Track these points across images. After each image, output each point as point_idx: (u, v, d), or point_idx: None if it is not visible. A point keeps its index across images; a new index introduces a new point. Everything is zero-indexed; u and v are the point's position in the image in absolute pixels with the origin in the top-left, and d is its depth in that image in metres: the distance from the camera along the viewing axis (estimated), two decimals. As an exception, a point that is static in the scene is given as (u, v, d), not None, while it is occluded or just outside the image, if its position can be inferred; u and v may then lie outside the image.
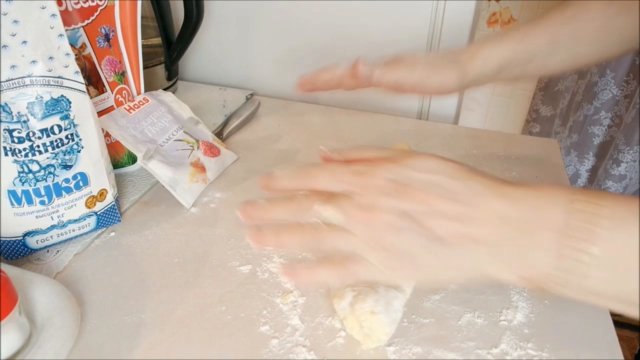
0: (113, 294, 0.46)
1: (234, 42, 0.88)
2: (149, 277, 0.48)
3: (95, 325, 0.43)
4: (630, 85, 1.35)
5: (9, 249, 0.48)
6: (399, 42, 0.79)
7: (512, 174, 0.65)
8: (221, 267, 0.50)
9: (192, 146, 0.62)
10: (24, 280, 0.42)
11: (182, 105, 0.67)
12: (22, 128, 0.43)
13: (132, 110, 0.60)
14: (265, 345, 0.42)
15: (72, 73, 0.45)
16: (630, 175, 1.42)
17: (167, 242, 0.53)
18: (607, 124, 1.44)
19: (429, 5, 0.74)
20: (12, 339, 0.37)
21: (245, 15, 0.85)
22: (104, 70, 0.57)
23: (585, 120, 1.45)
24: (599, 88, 1.38)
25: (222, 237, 0.54)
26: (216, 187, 0.62)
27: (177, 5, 0.77)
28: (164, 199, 0.59)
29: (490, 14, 1.67)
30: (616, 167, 1.41)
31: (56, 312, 0.41)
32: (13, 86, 0.42)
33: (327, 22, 0.81)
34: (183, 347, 0.42)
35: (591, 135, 1.47)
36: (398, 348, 0.41)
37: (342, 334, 0.42)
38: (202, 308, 0.45)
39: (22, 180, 0.45)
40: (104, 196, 0.52)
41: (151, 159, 0.56)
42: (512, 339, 0.42)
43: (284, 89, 0.89)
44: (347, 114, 0.81)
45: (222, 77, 0.92)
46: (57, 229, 0.49)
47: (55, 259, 0.50)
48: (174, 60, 0.80)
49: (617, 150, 1.39)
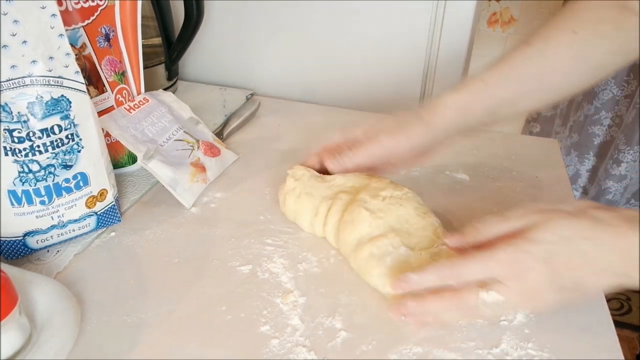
0: (113, 294, 0.46)
1: (234, 42, 0.88)
2: (149, 277, 0.48)
3: (95, 325, 0.43)
4: (630, 85, 1.35)
5: (9, 249, 0.48)
6: (399, 42, 0.79)
7: (512, 174, 0.65)
8: (221, 267, 0.50)
9: (192, 146, 0.62)
10: (24, 280, 0.42)
11: (182, 105, 0.67)
12: (22, 128, 0.43)
13: (132, 110, 0.60)
14: (266, 345, 0.41)
15: (72, 73, 0.45)
16: (631, 175, 1.42)
17: (167, 242, 0.53)
18: (608, 124, 1.44)
19: (429, 5, 0.74)
20: (12, 339, 0.37)
21: (245, 15, 0.85)
22: (104, 70, 0.57)
23: (586, 120, 1.45)
24: (599, 88, 1.38)
25: (222, 237, 0.54)
26: (216, 187, 0.62)
27: (177, 5, 0.77)
28: (164, 199, 0.59)
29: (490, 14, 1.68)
30: (616, 167, 1.40)
31: (56, 312, 0.41)
32: (13, 86, 0.42)
33: (327, 22, 0.81)
34: (183, 347, 0.42)
35: (591, 135, 1.47)
36: (398, 348, 0.41)
37: (342, 334, 0.42)
38: (202, 308, 0.45)
39: (22, 180, 0.45)
40: (104, 196, 0.52)
41: (151, 159, 0.56)
42: (513, 339, 0.42)
43: (284, 89, 0.89)
44: (347, 114, 0.81)
45: (222, 77, 0.92)
46: (57, 229, 0.49)
47: (56, 259, 0.50)
48: (174, 60, 0.80)
49: (617, 150, 1.38)
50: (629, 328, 1.54)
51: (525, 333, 0.43)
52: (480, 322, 0.44)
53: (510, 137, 0.76)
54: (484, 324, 0.43)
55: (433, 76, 0.80)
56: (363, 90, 0.85)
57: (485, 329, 0.43)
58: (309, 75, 0.87)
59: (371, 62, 0.82)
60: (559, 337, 0.42)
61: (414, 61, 0.79)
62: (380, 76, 0.83)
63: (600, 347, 0.42)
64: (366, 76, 0.84)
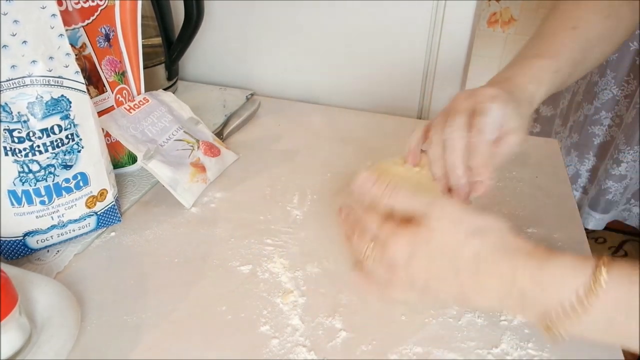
0: (113, 294, 0.46)
1: (234, 42, 0.88)
2: (149, 277, 0.48)
3: (95, 325, 0.43)
4: (630, 85, 1.35)
5: (9, 249, 0.48)
6: (399, 43, 0.79)
7: (512, 174, 0.65)
8: (221, 267, 0.50)
9: (192, 146, 0.62)
10: (24, 280, 0.42)
11: (182, 105, 0.67)
12: (22, 128, 0.43)
13: (132, 110, 0.60)
14: (266, 345, 0.41)
15: (72, 73, 0.45)
16: (631, 175, 1.42)
17: (167, 242, 0.53)
18: (608, 124, 1.44)
19: (429, 5, 0.74)
20: (12, 339, 0.37)
21: (245, 16, 0.85)
22: (104, 70, 0.57)
23: (586, 120, 1.45)
24: (599, 88, 1.38)
25: (222, 237, 0.54)
26: (216, 187, 0.62)
27: (177, 5, 0.77)
28: (164, 199, 0.59)
29: (490, 14, 1.68)
30: (616, 167, 1.41)
31: (56, 312, 0.41)
32: (13, 86, 0.42)
33: (327, 22, 0.81)
34: (183, 347, 0.42)
35: (591, 135, 1.47)
36: (398, 348, 0.41)
37: (342, 334, 0.42)
38: (202, 308, 0.45)
39: (22, 180, 0.45)
40: (104, 196, 0.52)
41: (151, 159, 0.56)
42: (513, 339, 0.42)
43: (284, 89, 0.89)
44: (347, 114, 0.81)
45: (222, 77, 0.92)
46: (57, 229, 0.49)
47: (56, 259, 0.50)
48: (174, 60, 0.80)
49: (617, 150, 1.38)
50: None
51: (525, 333, 0.43)
52: (480, 322, 0.44)
53: (510, 137, 0.76)
54: (484, 324, 0.43)
55: (433, 76, 0.80)
56: (363, 90, 0.85)
57: (486, 329, 0.43)
58: (309, 75, 0.87)
59: (371, 62, 0.82)
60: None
61: (414, 61, 0.79)
62: (380, 76, 0.83)
63: (600, 347, 0.42)
64: (366, 76, 0.84)
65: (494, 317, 0.44)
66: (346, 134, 0.75)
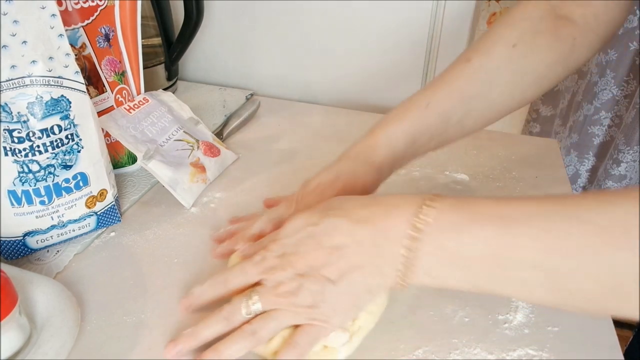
0: (113, 294, 0.46)
1: (234, 42, 0.88)
2: (149, 277, 0.48)
3: (95, 325, 0.43)
4: (630, 85, 1.35)
5: (9, 249, 0.48)
6: (399, 42, 0.79)
7: (512, 174, 0.65)
8: (221, 267, 0.49)
9: (192, 146, 0.62)
10: (24, 280, 0.42)
11: (182, 105, 0.67)
12: (22, 128, 0.43)
13: (132, 110, 0.60)
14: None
15: (72, 73, 0.45)
16: (631, 175, 1.42)
17: (167, 242, 0.53)
18: (607, 124, 1.44)
19: (429, 5, 0.74)
20: (12, 339, 0.37)
21: (245, 15, 0.85)
22: (104, 70, 0.57)
23: (585, 120, 1.45)
24: (599, 88, 1.38)
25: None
26: (216, 187, 0.62)
27: (177, 5, 0.77)
28: (164, 199, 0.59)
29: (490, 14, 1.67)
30: (616, 167, 1.40)
31: (56, 312, 0.41)
32: (13, 86, 0.42)
33: (327, 22, 0.81)
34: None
35: (591, 135, 1.47)
36: (398, 348, 0.41)
37: (342, 334, 0.42)
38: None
39: (22, 180, 0.45)
40: (104, 196, 0.52)
41: (151, 159, 0.56)
42: (512, 339, 0.42)
43: (284, 89, 0.89)
44: (347, 114, 0.81)
45: (222, 77, 0.92)
46: (57, 229, 0.49)
47: (55, 259, 0.50)
48: (174, 60, 0.80)
49: (617, 150, 1.38)
50: (628, 328, 1.54)
51: (525, 333, 0.43)
52: (480, 322, 0.44)
53: (510, 137, 0.76)
54: (484, 324, 0.43)
55: (433, 76, 0.80)
56: (363, 90, 0.85)
57: (485, 328, 0.43)
58: (309, 75, 0.87)
59: (371, 62, 0.82)
60: (559, 337, 0.42)
61: (414, 61, 0.79)
62: (380, 76, 0.83)
63: (600, 347, 0.42)
64: (366, 76, 0.84)
65: (494, 317, 0.44)
66: (346, 134, 0.75)
